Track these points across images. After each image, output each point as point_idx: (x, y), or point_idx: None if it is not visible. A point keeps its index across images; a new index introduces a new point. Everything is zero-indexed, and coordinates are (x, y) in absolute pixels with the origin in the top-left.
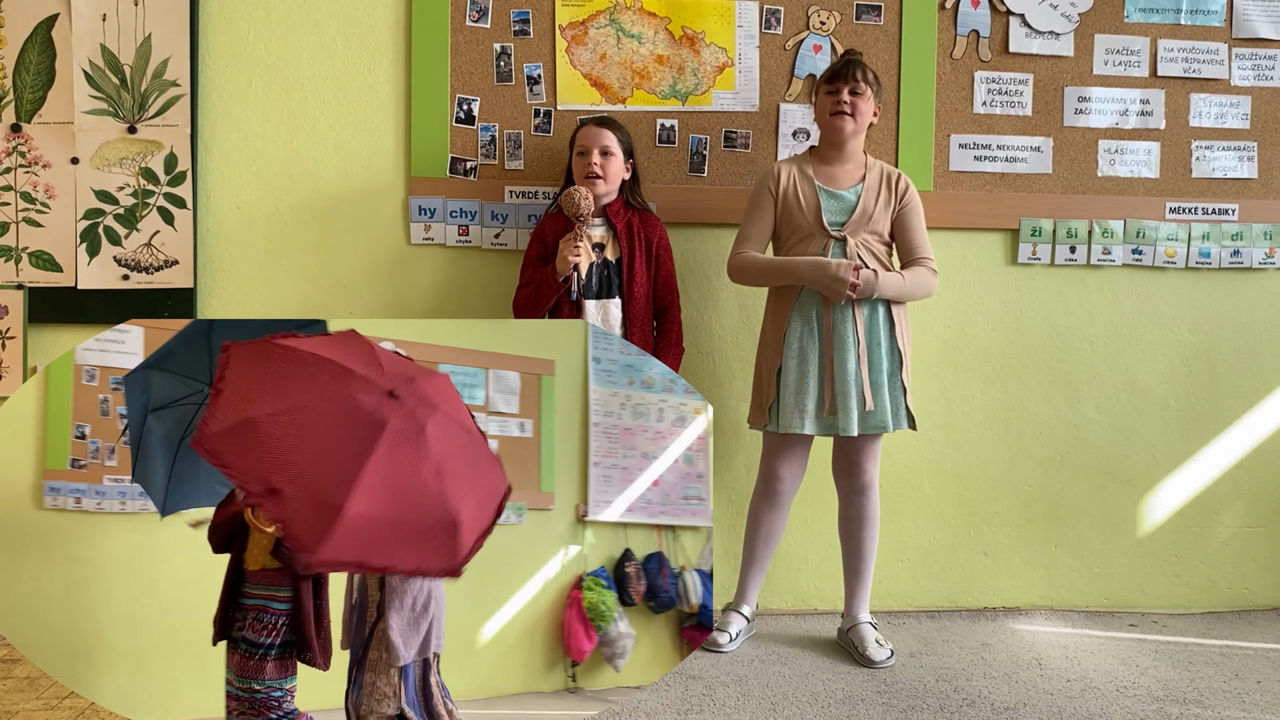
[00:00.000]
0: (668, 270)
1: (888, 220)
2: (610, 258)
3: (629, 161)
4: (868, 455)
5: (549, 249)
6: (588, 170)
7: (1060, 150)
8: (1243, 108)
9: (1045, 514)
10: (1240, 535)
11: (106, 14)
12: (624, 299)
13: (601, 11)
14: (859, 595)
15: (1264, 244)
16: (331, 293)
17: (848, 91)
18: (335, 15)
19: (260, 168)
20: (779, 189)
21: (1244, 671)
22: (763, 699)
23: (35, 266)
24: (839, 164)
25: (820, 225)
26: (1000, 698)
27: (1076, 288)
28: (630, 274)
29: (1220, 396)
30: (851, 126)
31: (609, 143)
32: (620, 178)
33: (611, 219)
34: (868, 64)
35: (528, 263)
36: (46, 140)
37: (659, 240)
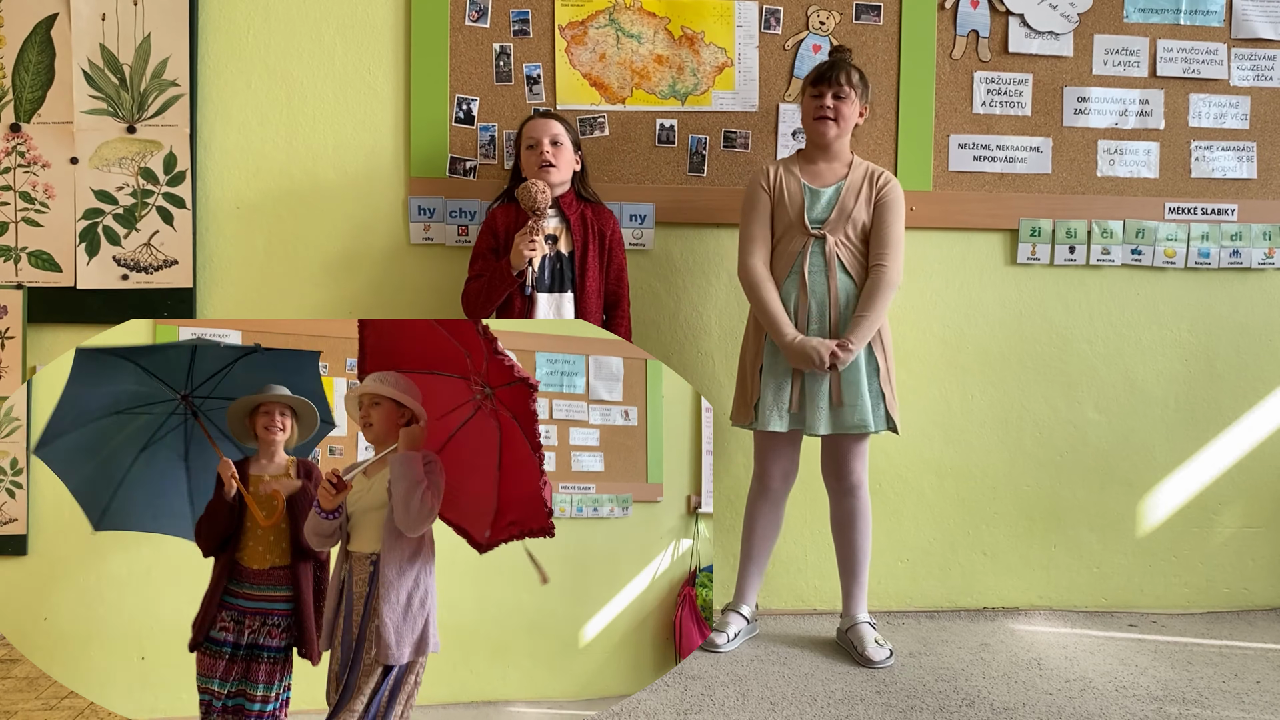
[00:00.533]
0: (619, 263)
1: (867, 217)
2: (564, 250)
3: (578, 153)
4: (855, 456)
5: (500, 241)
6: (540, 160)
7: (1060, 150)
8: (1242, 108)
9: (1044, 514)
10: (1239, 535)
11: (106, 14)
12: (576, 293)
13: (601, 11)
14: (856, 595)
15: (1263, 244)
16: (331, 293)
17: (831, 95)
18: (334, 15)
19: (259, 167)
20: (771, 185)
21: (1243, 671)
22: (762, 699)
23: (34, 266)
24: (824, 162)
25: (802, 221)
26: (999, 698)
27: (1076, 288)
28: (583, 267)
29: (1219, 396)
30: (835, 131)
31: (557, 132)
32: (571, 168)
33: (565, 210)
34: (854, 62)
35: (477, 254)
36: (45, 140)
37: (612, 233)
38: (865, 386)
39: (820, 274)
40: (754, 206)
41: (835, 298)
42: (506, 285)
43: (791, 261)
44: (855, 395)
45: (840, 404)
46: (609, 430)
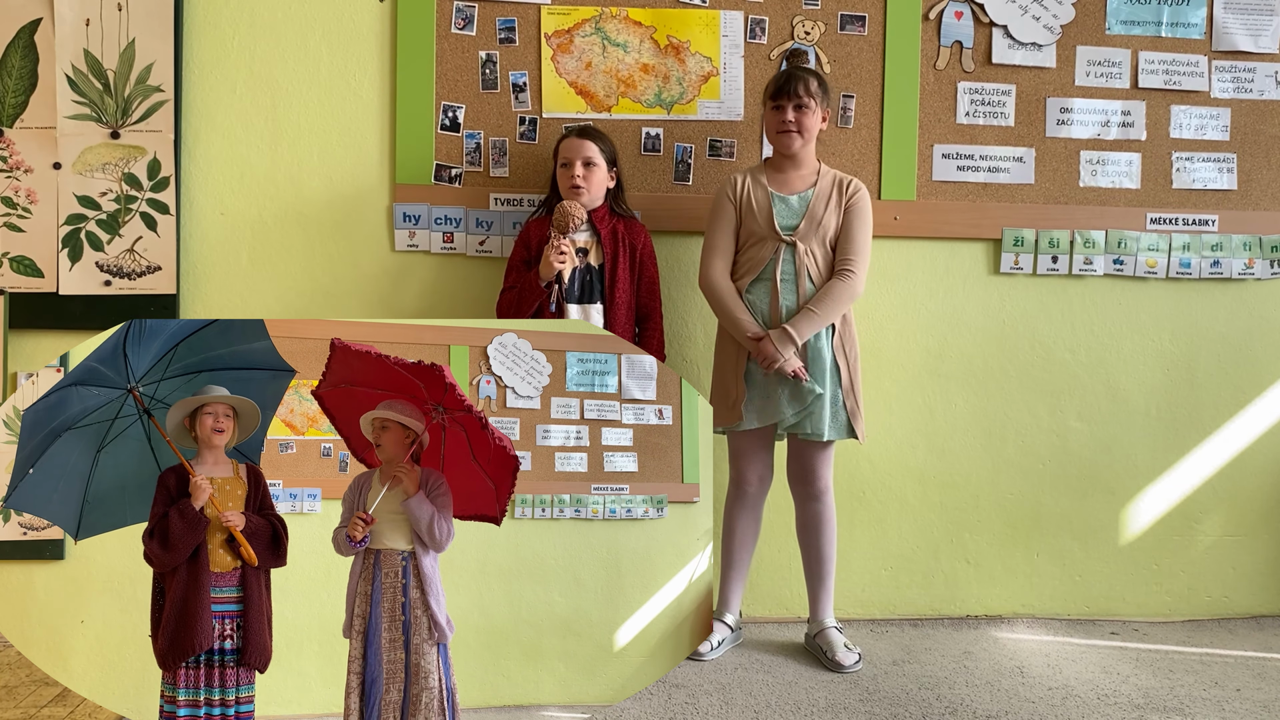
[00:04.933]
0: (650, 276)
1: (836, 225)
2: (593, 263)
3: (613, 170)
4: (820, 462)
5: (533, 253)
6: (571, 182)
7: (1042, 161)
8: (1222, 119)
9: (1027, 522)
10: (1220, 544)
11: (90, 19)
12: (605, 305)
13: (587, 20)
14: (823, 600)
15: (1243, 254)
16: (315, 300)
17: (792, 108)
18: (320, 21)
19: (244, 173)
20: (737, 196)
21: (1224, 679)
22: (746, 707)
23: (16, 272)
24: (792, 170)
25: (772, 229)
26: (982, 706)
27: (1058, 297)
28: (613, 279)
29: (1200, 405)
30: (799, 143)
31: (591, 154)
32: (604, 186)
33: (596, 224)
34: (811, 68)
35: (511, 267)
36: (28, 145)
37: (643, 246)
38: (826, 395)
39: (791, 281)
40: (719, 216)
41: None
42: (536, 296)
43: (760, 267)
44: (817, 403)
45: (803, 379)
46: (643, 430)
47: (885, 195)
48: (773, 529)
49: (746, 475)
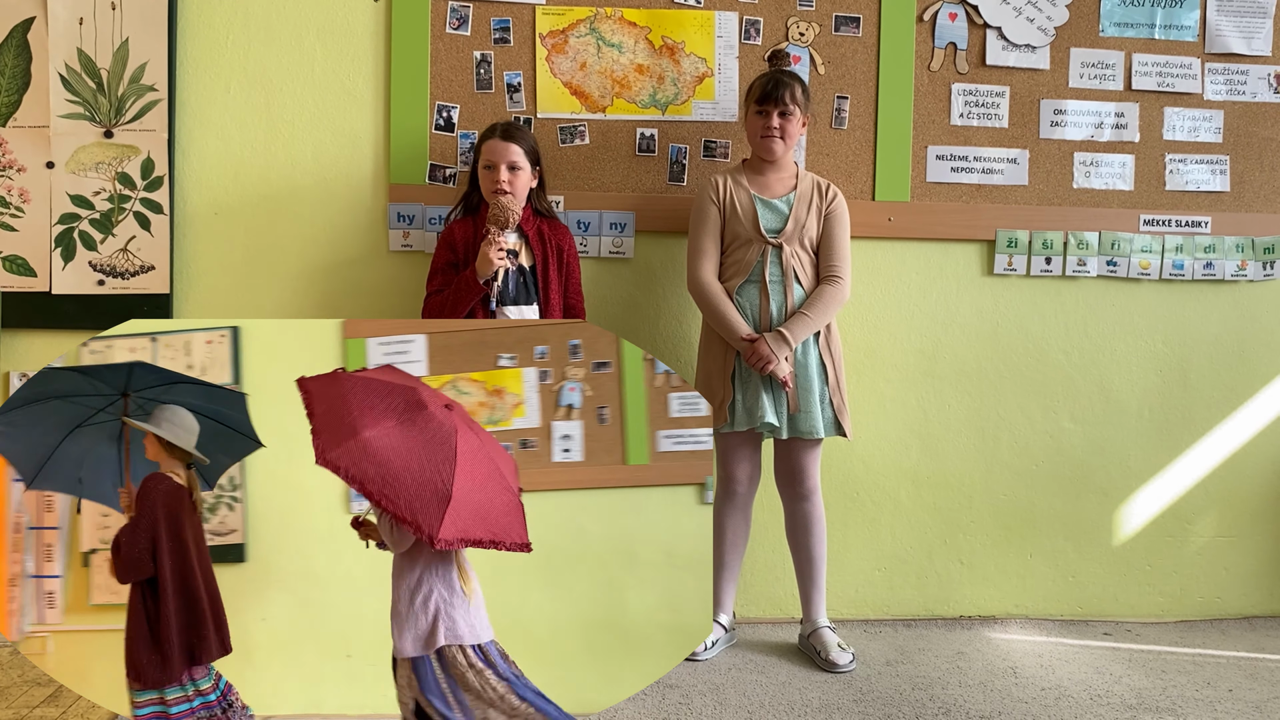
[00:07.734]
0: (576, 279)
1: (817, 228)
2: (525, 264)
3: (536, 169)
4: (809, 462)
5: (459, 255)
6: (495, 188)
7: (1036, 162)
8: (1215, 121)
9: (1020, 523)
10: (1213, 545)
11: (83, 18)
12: (541, 306)
13: (582, 20)
14: (815, 600)
15: (1236, 256)
16: (309, 300)
17: (777, 115)
18: (314, 21)
19: (238, 173)
20: (720, 198)
21: (1216, 680)
22: (740, 707)
23: (9, 271)
24: (772, 173)
25: (757, 231)
26: (975, 706)
27: (1052, 299)
28: (545, 281)
29: (1193, 407)
30: (782, 148)
31: (516, 158)
32: (528, 188)
33: (523, 225)
34: (794, 77)
35: (436, 270)
36: (21, 144)
37: (569, 248)
38: (815, 394)
39: (779, 283)
40: (703, 219)
41: (791, 307)
42: (473, 295)
43: (748, 270)
44: (808, 402)
45: (794, 410)
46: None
47: (879, 196)
48: (764, 530)
49: (736, 475)
